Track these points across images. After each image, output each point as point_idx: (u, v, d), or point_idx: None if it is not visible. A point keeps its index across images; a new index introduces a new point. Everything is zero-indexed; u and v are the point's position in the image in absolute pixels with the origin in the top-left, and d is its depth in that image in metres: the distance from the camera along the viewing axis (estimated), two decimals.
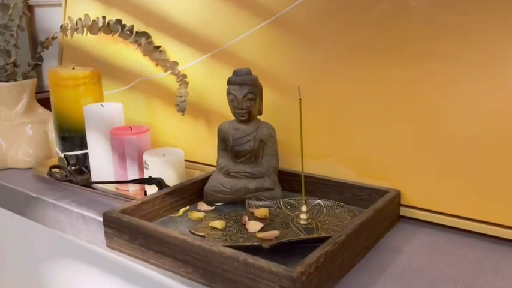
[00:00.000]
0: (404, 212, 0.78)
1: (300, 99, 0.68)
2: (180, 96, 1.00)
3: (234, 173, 0.82)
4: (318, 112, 0.85)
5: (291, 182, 0.87)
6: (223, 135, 0.84)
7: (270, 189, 0.80)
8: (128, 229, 0.66)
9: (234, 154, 0.82)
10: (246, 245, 0.63)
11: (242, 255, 0.55)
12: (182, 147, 0.97)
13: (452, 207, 0.74)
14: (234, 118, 0.84)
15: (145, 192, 0.88)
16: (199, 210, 0.80)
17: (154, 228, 0.63)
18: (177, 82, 1.03)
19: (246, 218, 0.71)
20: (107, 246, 0.70)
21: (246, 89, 0.79)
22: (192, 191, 0.83)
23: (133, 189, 0.95)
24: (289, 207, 0.78)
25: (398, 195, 0.76)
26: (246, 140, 0.82)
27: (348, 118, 0.82)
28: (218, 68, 0.97)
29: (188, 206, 0.81)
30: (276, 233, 0.66)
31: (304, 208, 0.71)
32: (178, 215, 0.78)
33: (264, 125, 0.83)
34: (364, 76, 0.80)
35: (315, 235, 0.65)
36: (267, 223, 0.72)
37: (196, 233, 0.68)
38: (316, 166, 0.86)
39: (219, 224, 0.69)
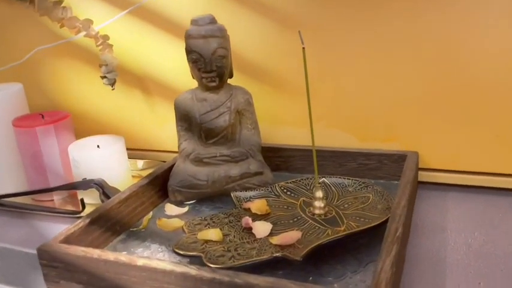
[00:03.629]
0: (422, 176, 0.65)
1: (303, 48, 0.50)
2: (106, 65, 0.76)
3: (207, 158, 0.62)
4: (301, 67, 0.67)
5: (273, 160, 0.69)
6: (184, 110, 0.63)
7: (259, 173, 0.62)
8: (83, 268, 0.44)
9: (203, 134, 0.62)
10: (267, 259, 0.45)
11: (284, 284, 0.37)
12: (118, 133, 0.74)
13: (482, 164, 0.62)
14: (191, 86, 0.63)
15: (81, 201, 0.65)
16: (170, 216, 0.59)
17: (132, 261, 0.42)
18: (98, 47, 0.78)
19: (249, 218, 0.52)
20: None
21: (214, 42, 0.58)
22: (152, 191, 0.62)
23: (59, 198, 0.71)
24: (288, 193, 0.61)
25: (416, 158, 0.62)
26: (218, 113, 0.62)
27: (338, 70, 0.66)
28: (148, 25, 0.74)
29: (151, 213, 0.60)
30: (296, 234, 0.49)
31: (319, 193, 0.55)
32: (141, 227, 0.57)
33: (238, 90, 0.64)
34: (357, 16, 0.63)
35: (355, 229, 0.49)
36: (272, 220, 0.54)
37: (185, 253, 0.48)
38: (303, 135, 0.70)
39: (213, 234, 0.50)
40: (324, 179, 0.62)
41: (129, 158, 0.73)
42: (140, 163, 0.80)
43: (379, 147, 0.66)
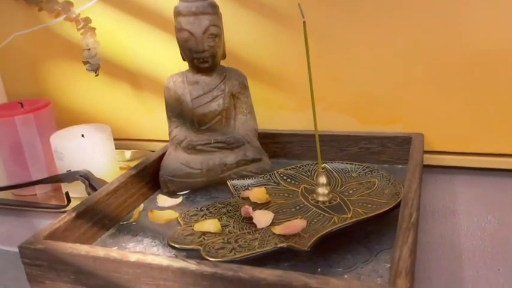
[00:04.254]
0: (427, 160, 0.62)
1: (304, 21, 0.46)
2: (88, 49, 0.71)
3: (201, 146, 0.58)
4: (297, 47, 0.63)
5: (270, 146, 0.66)
6: (174, 95, 0.59)
7: (256, 159, 0.58)
8: (70, 266, 0.40)
9: (196, 119, 0.58)
10: (271, 251, 0.42)
11: (294, 277, 0.34)
12: (104, 122, 0.70)
13: (490, 146, 0.59)
14: (182, 69, 0.59)
15: (66, 195, 0.60)
16: (162, 208, 0.55)
17: (125, 257, 0.38)
18: (79, 31, 0.73)
19: (249, 207, 0.49)
20: None
21: (206, 20, 0.54)
22: (142, 182, 0.58)
23: (42, 192, 0.67)
24: (289, 180, 0.57)
25: (422, 140, 0.59)
26: (212, 96, 0.58)
27: (338, 50, 0.62)
28: (132, 7, 0.70)
29: (142, 205, 0.56)
30: (301, 223, 0.45)
31: (323, 179, 0.51)
32: (132, 220, 0.53)
33: (232, 72, 0.60)
34: None
35: (365, 216, 0.45)
36: (273, 209, 0.51)
37: (182, 246, 0.44)
38: (300, 119, 0.66)
39: (211, 225, 0.46)
40: (325, 164, 0.58)
41: (116, 148, 0.69)
42: (128, 153, 0.76)
43: (382, 130, 0.63)
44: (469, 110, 0.59)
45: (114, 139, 0.69)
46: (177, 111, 0.60)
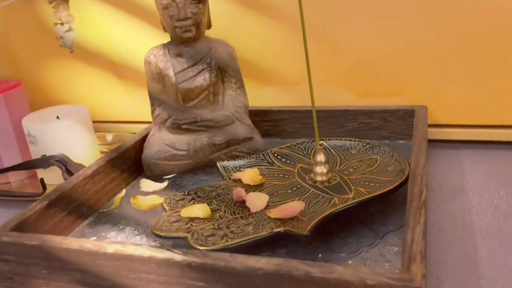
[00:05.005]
0: (431, 134, 0.59)
1: None
2: (61, 24, 0.66)
3: (186, 124, 0.54)
4: (290, 16, 0.59)
5: (262, 124, 0.62)
6: (156, 69, 0.54)
7: (247, 138, 0.54)
8: (41, 260, 0.36)
9: (180, 96, 0.54)
10: (266, 236, 0.38)
11: (294, 265, 0.30)
12: (81, 102, 0.65)
13: (497, 117, 0.56)
14: (165, 40, 0.54)
15: (41, 182, 0.56)
16: (146, 193, 0.51)
17: (102, 249, 0.34)
18: (51, 4, 0.67)
19: (242, 190, 0.44)
20: None
21: None
22: (124, 166, 0.54)
23: (16, 179, 0.62)
24: (283, 159, 0.53)
25: (426, 112, 0.55)
26: (197, 70, 0.53)
27: (334, 18, 0.58)
28: None
29: (124, 190, 0.52)
30: (298, 205, 0.41)
31: (321, 157, 0.47)
32: (113, 207, 0.49)
33: (219, 43, 0.55)
34: None
35: (369, 195, 0.41)
36: (268, 191, 0.47)
37: (167, 234, 0.40)
38: (294, 94, 0.62)
39: (200, 210, 0.42)
40: (322, 142, 0.54)
41: (96, 132, 0.64)
42: (109, 137, 0.71)
43: (382, 103, 0.59)
44: (475, 79, 0.55)
45: (94, 122, 0.65)
46: (160, 88, 0.55)
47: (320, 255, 0.38)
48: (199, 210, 0.43)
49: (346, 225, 0.41)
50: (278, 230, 0.38)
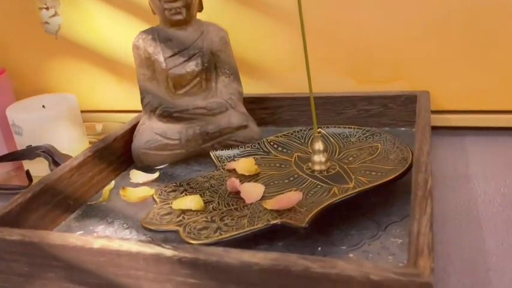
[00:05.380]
0: (434, 120, 0.57)
1: None
2: (46, 8, 0.63)
3: (178, 112, 0.51)
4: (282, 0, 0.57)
5: (257, 112, 0.60)
6: (145, 54, 0.52)
7: (242, 126, 0.52)
8: (22, 257, 0.34)
9: (171, 82, 0.52)
10: (263, 229, 0.36)
11: (293, 260, 0.28)
12: (68, 91, 0.63)
13: (502, 102, 0.54)
14: (155, 23, 0.52)
15: (27, 174, 0.54)
16: (137, 184, 0.49)
17: (87, 244, 0.32)
18: None
19: (236, 180, 0.42)
20: None
21: None
22: (113, 156, 0.52)
23: (3, 171, 0.60)
24: (280, 148, 0.51)
25: (428, 98, 0.53)
26: (188, 55, 0.51)
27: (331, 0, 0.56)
28: None
29: (113, 182, 0.50)
30: (296, 196, 0.39)
31: (319, 145, 0.45)
32: (101, 200, 0.47)
33: (211, 27, 0.53)
34: None
35: (371, 185, 0.39)
36: (264, 181, 0.45)
37: (158, 228, 0.38)
38: (290, 81, 0.60)
39: (192, 201, 0.40)
40: (320, 129, 0.52)
41: (85, 121, 0.62)
42: (99, 126, 0.69)
43: (382, 89, 0.57)
44: (479, 63, 0.53)
45: (82, 111, 0.62)
46: (149, 74, 0.53)
47: (320, 248, 0.37)
48: (192, 202, 0.40)
49: (347, 216, 0.39)
50: (275, 222, 0.36)
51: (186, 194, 0.43)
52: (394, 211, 0.40)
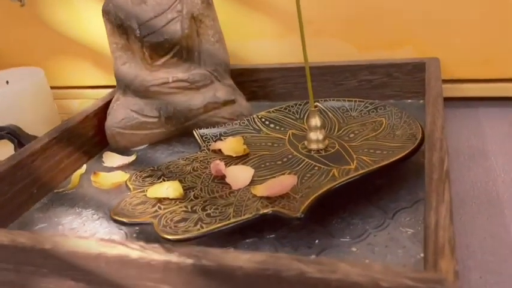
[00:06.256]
0: (444, 90, 0.51)
1: None
2: None
3: (156, 86, 0.46)
4: None
5: (247, 85, 0.55)
6: (117, 20, 0.46)
7: (229, 101, 0.47)
8: None
9: (147, 52, 0.46)
10: (251, 220, 0.31)
11: (285, 263, 0.23)
12: (35, 65, 0.57)
13: None
14: None
15: None
16: (111, 168, 0.44)
17: (37, 244, 0.27)
18: None
19: (220, 163, 0.37)
20: None
21: None
22: (84, 137, 0.46)
23: None
24: (272, 125, 0.46)
25: (438, 65, 0.48)
26: (166, 19, 0.45)
27: None
28: None
29: (85, 166, 0.45)
30: (290, 180, 0.34)
31: (316, 121, 0.40)
32: (70, 187, 0.42)
33: None
34: None
35: (373, 167, 0.34)
36: (253, 163, 0.40)
37: (130, 220, 0.33)
38: (282, 49, 0.54)
39: (170, 188, 0.35)
40: (317, 103, 0.47)
41: (58, 99, 0.56)
42: (75, 103, 0.63)
43: (386, 56, 0.52)
44: (494, 26, 0.47)
45: (53, 87, 0.56)
46: (123, 43, 0.47)
47: (317, 241, 0.32)
48: (169, 189, 0.35)
49: (348, 202, 0.35)
50: (265, 211, 0.32)
51: (164, 180, 0.38)
52: (403, 195, 0.35)
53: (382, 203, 0.35)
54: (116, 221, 0.34)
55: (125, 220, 0.33)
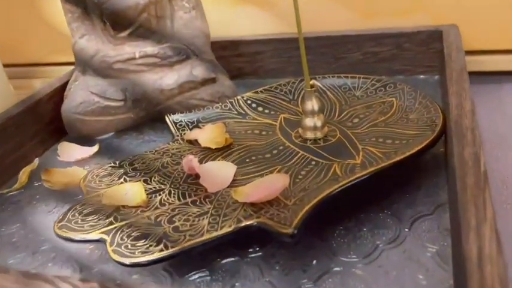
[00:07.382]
0: None
1: None
2: None
3: (120, 63, 0.38)
4: None
5: (231, 61, 0.48)
6: None
7: (209, 79, 0.40)
8: None
9: (108, 22, 0.38)
10: (229, 234, 0.24)
11: None
12: None
13: None
14: None
15: None
16: (67, 163, 0.37)
17: None
18: None
19: (193, 159, 0.30)
20: None
21: None
22: (36, 125, 0.39)
23: None
24: (260, 108, 0.39)
25: (458, 34, 0.40)
26: None
27: None
28: None
29: (37, 160, 0.38)
30: (281, 180, 0.27)
31: (313, 103, 0.33)
32: (17, 186, 0.35)
33: None
34: None
35: (389, 161, 0.27)
36: (236, 157, 0.33)
37: (76, 235, 0.26)
38: (272, 17, 0.47)
39: (130, 192, 0.28)
40: (314, 81, 0.39)
41: (16, 78, 0.49)
42: (36, 83, 0.56)
43: (394, 24, 0.44)
44: None
45: (6, 65, 0.49)
46: (80, 12, 0.39)
47: (315, 261, 0.25)
48: (129, 193, 0.28)
49: (352, 206, 0.28)
50: (248, 223, 0.25)
51: (126, 180, 0.31)
52: (420, 198, 0.28)
53: (395, 208, 0.28)
54: (59, 236, 0.27)
55: (69, 236, 0.27)
